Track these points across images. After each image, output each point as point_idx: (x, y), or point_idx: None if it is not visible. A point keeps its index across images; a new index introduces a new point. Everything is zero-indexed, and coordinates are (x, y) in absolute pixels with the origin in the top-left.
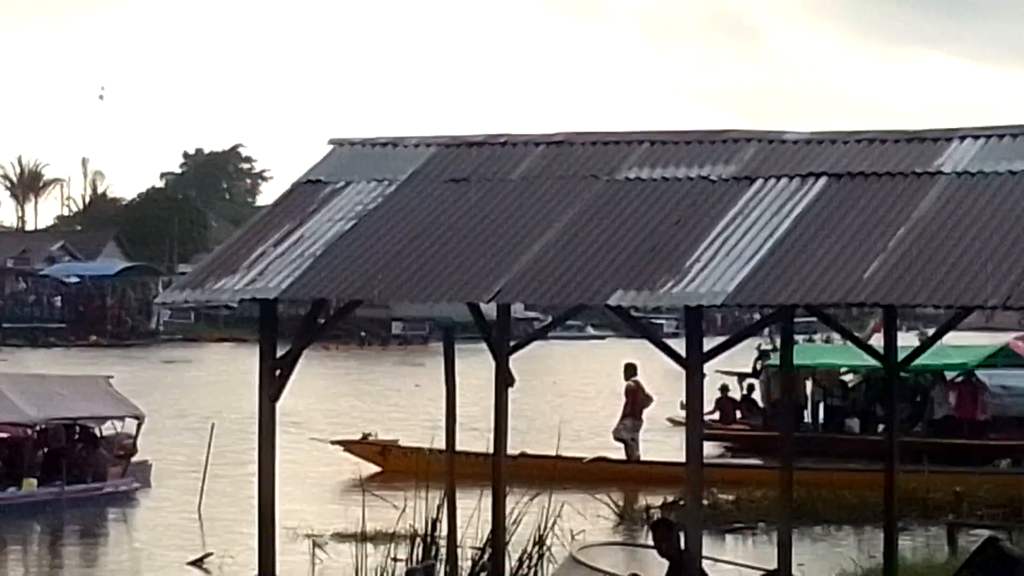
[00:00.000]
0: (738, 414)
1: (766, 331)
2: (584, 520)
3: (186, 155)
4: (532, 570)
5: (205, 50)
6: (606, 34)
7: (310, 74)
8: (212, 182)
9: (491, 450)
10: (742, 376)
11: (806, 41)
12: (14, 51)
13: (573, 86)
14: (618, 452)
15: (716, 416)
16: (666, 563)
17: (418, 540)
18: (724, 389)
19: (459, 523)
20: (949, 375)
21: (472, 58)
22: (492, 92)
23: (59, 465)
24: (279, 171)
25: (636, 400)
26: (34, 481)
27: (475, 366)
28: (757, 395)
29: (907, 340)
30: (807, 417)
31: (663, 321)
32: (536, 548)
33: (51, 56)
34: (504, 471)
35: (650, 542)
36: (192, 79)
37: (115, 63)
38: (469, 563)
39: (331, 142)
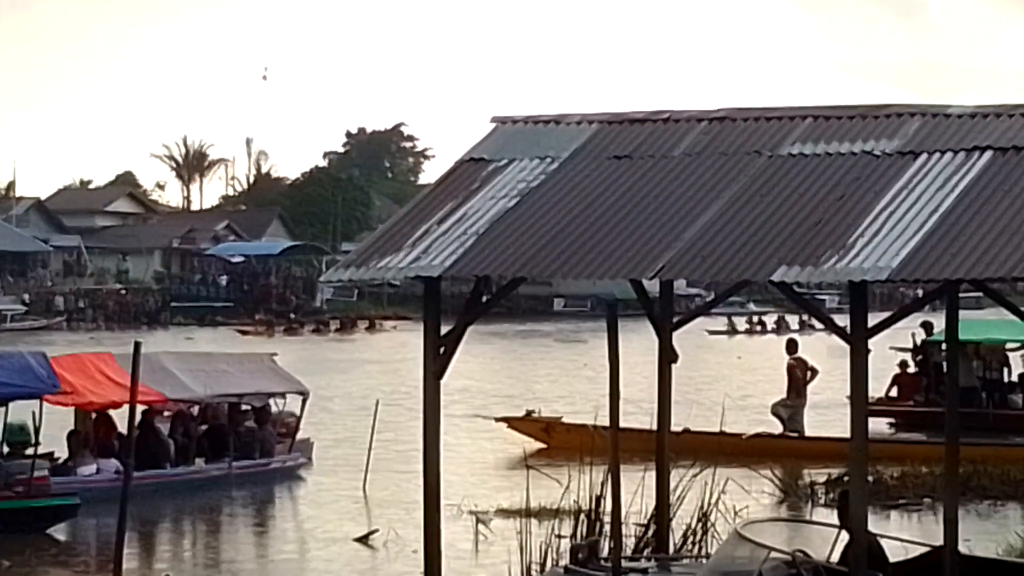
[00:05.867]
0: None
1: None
2: (747, 496)
3: (349, 134)
4: (696, 546)
5: (367, 29)
6: (768, 9)
7: (472, 52)
8: (375, 161)
9: (655, 426)
10: (916, 351)
11: (969, 13)
12: (179, 33)
13: (734, 62)
14: (779, 429)
15: (895, 393)
16: (831, 538)
17: (582, 516)
18: (903, 365)
19: (623, 499)
20: None
21: (633, 34)
22: (653, 68)
23: (227, 442)
24: (441, 149)
25: (798, 376)
26: (202, 458)
27: (636, 342)
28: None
29: None
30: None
31: (826, 297)
32: (700, 524)
33: (215, 38)
34: (668, 447)
35: (815, 518)
36: (354, 58)
37: (278, 44)
38: (633, 539)
39: (493, 120)
